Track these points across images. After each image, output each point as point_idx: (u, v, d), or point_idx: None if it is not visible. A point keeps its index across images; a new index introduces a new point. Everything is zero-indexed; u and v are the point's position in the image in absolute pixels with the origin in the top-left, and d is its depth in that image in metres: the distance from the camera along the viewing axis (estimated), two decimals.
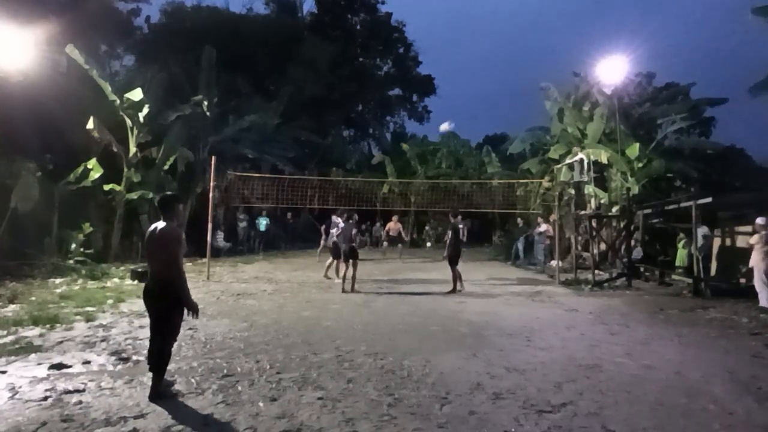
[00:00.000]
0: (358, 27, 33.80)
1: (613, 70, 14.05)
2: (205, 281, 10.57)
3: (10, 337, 5.51)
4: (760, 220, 8.40)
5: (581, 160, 11.96)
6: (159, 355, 3.84)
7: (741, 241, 10.79)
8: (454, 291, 9.42)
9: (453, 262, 9.51)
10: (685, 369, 4.78)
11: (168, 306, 3.83)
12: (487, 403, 3.84)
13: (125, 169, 13.65)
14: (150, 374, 4.31)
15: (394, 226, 17.31)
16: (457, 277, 9.53)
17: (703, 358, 5.15)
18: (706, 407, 3.85)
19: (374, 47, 33.77)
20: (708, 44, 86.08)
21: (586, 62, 16.32)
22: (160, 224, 3.94)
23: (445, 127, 17.12)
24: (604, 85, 15.23)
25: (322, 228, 13.26)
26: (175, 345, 4.16)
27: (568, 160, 13.00)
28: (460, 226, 9.85)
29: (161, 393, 3.79)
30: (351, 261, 9.44)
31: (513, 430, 3.38)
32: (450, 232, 9.78)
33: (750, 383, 4.39)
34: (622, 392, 4.13)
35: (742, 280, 10.17)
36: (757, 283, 8.36)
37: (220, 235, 16.89)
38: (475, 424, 3.46)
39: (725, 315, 7.61)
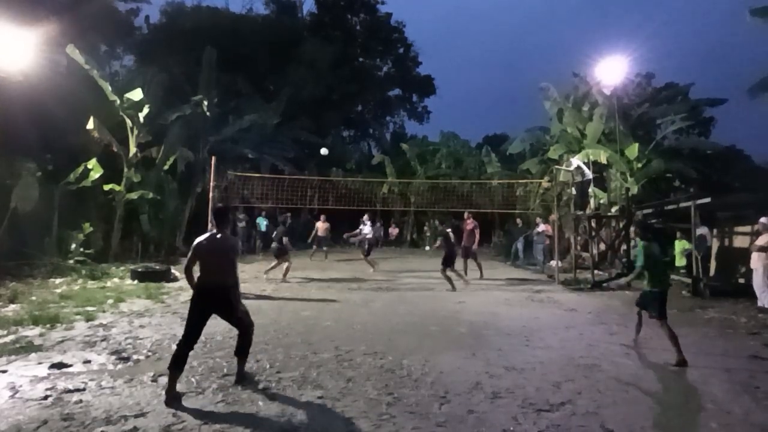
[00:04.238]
0: (358, 27, 33.83)
1: (612, 71, 14.08)
2: None
3: (11, 337, 5.52)
4: (764, 220, 8.31)
5: (578, 167, 11.98)
6: (243, 340, 4.22)
7: (740, 242, 10.80)
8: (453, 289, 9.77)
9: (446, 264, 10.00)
10: (684, 369, 4.80)
11: (231, 304, 4.17)
12: (485, 403, 3.85)
13: (125, 169, 13.65)
14: (149, 373, 4.35)
15: (322, 225, 15.91)
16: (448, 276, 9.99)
17: (702, 358, 5.17)
18: (704, 406, 3.87)
19: (374, 47, 33.80)
20: (708, 44, 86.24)
21: (586, 62, 16.38)
22: (218, 234, 4.22)
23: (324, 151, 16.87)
24: (603, 86, 15.26)
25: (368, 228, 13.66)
26: (174, 345, 4.20)
27: (564, 169, 13.01)
28: (448, 230, 10.50)
29: (245, 375, 4.19)
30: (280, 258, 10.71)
31: (511, 429, 3.39)
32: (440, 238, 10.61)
33: (748, 383, 4.41)
34: (620, 391, 4.14)
35: (741, 280, 10.17)
36: (757, 283, 8.35)
37: None
38: (474, 423, 3.48)
39: (724, 315, 7.62)
